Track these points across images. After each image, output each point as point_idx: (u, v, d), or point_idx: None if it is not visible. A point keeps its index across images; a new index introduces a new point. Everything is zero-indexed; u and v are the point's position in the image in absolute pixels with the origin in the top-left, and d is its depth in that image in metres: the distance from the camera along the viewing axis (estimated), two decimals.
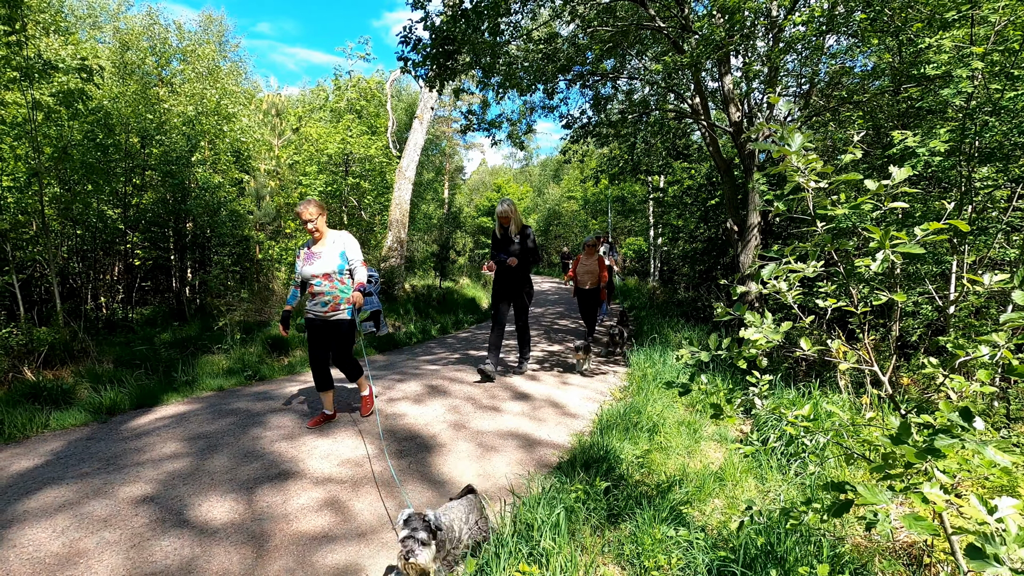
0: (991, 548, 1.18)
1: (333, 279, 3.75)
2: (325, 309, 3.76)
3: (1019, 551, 1.16)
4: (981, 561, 1.18)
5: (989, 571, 1.17)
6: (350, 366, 3.98)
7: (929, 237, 1.46)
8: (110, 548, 2.37)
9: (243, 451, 3.44)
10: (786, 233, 8.15)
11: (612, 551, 2.42)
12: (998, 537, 1.20)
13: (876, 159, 5.57)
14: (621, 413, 4.19)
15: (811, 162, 1.67)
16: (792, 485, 3.05)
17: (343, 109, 14.42)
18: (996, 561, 1.17)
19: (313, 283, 3.76)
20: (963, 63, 3.83)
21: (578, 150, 9.91)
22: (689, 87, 8.71)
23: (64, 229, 9.36)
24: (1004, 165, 4.22)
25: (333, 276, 3.75)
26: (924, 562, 2.26)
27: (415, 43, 6.82)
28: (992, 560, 1.18)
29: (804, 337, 1.79)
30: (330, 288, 3.74)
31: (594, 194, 24.90)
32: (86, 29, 17.15)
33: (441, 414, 4.30)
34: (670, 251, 16.25)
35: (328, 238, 3.84)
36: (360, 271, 3.82)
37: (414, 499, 2.94)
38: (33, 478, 3.04)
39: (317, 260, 3.75)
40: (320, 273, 3.74)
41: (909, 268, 4.85)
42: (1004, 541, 1.19)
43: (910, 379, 4.56)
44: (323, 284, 3.74)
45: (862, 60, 7.90)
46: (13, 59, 6.18)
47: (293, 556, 2.40)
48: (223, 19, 22.49)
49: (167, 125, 11.39)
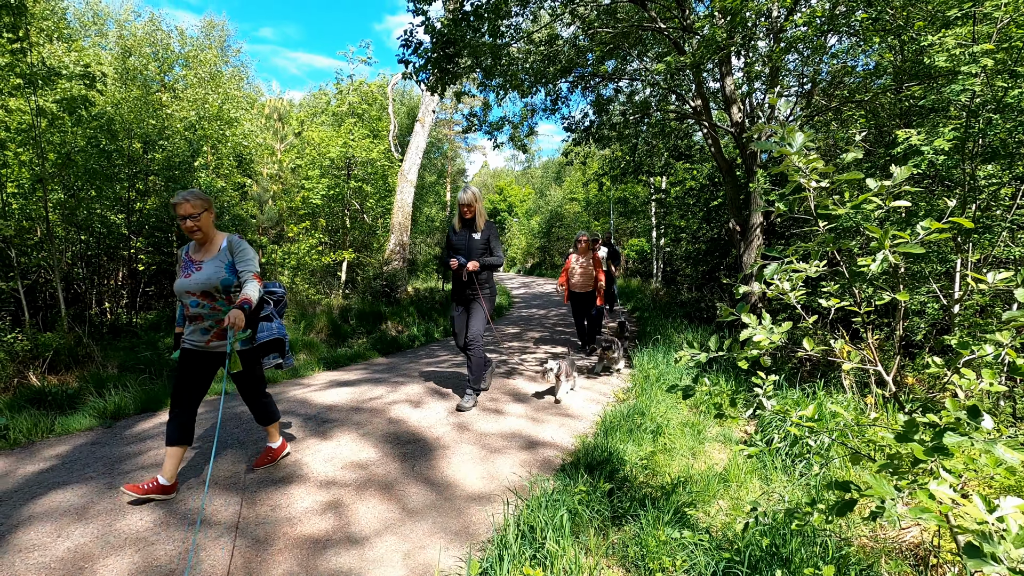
0: (989, 547, 1.17)
1: (216, 298, 2.85)
2: (206, 338, 2.88)
3: (1018, 551, 1.15)
4: (979, 560, 1.18)
5: (987, 569, 1.16)
6: (262, 407, 3.19)
7: (931, 236, 1.46)
8: (115, 552, 2.38)
9: (247, 454, 3.44)
10: (789, 233, 8.13)
11: (616, 553, 2.41)
12: (997, 536, 1.19)
13: (879, 158, 5.56)
14: (624, 415, 4.18)
15: (812, 162, 1.67)
16: (797, 486, 3.03)
17: (345, 113, 14.47)
18: (994, 560, 1.17)
19: (188, 302, 2.86)
20: (971, 59, 3.82)
21: (580, 152, 9.92)
22: (690, 88, 8.71)
23: (68, 235, 9.41)
24: (1008, 163, 4.21)
25: (215, 294, 2.85)
26: (931, 563, 2.25)
27: (416, 46, 6.84)
28: (990, 559, 1.17)
29: (807, 337, 1.78)
30: (211, 311, 2.85)
31: (596, 196, 24.91)
32: (91, 36, 17.26)
33: (444, 416, 4.30)
34: (673, 252, 16.23)
35: (215, 243, 2.94)
36: (251, 285, 2.84)
37: (418, 502, 2.94)
38: (39, 483, 3.05)
39: (195, 272, 2.86)
40: (197, 290, 2.83)
41: (913, 267, 4.83)
42: (1004, 540, 1.19)
43: (915, 378, 4.54)
44: (201, 305, 2.84)
45: (864, 59, 7.88)
46: (17, 66, 6.22)
47: (296, 559, 2.40)
48: (224, 24, 22.63)
49: (169, 130, 11.45)
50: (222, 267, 2.87)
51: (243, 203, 12.90)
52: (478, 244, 4.49)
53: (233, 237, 2.99)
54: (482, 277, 4.53)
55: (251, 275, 2.89)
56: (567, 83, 8.64)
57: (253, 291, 2.81)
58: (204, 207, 2.85)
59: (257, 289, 2.85)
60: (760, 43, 8.05)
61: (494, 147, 9.89)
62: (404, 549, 2.50)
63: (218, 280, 2.84)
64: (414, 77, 7.08)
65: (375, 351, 7.86)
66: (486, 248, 4.51)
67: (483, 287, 4.55)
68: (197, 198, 2.84)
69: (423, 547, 2.52)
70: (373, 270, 13.96)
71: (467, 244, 4.49)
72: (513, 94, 8.25)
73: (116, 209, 10.25)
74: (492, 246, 4.53)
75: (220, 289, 2.85)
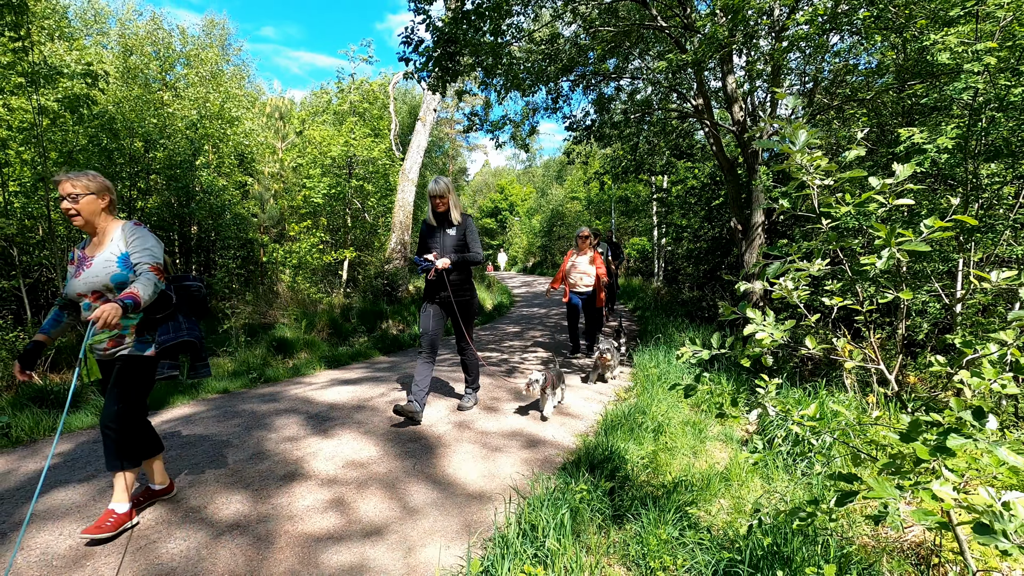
0: (999, 524, 1.18)
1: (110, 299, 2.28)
2: (104, 346, 2.46)
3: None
4: (989, 536, 1.18)
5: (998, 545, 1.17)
6: (131, 433, 2.49)
7: (935, 234, 1.45)
8: (117, 550, 2.38)
9: (248, 452, 3.45)
10: (791, 232, 8.12)
11: (618, 552, 2.41)
12: (1008, 515, 1.20)
13: (881, 157, 5.55)
14: (626, 414, 4.18)
15: (815, 159, 1.67)
16: (799, 485, 3.03)
17: (346, 112, 14.47)
18: (1004, 537, 1.17)
19: (82, 305, 2.45)
20: (975, 57, 3.81)
21: (581, 151, 9.90)
22: (692, 86, 8.70)
23: (70, 233, 9.42)
24: (1011, 161, 4.20)
25: (108, 294, 2.40)
26: (932, 562, 2.25)
27: (417, 44, 6.83)
28: (1000, 536, 1.17)
29: (809, 336, 1.78)
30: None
31: (597, 195, 24.91)
32: (92, 35, 17.28)
33: (445, 415, 4.30)
34: (674, 251, 16.21)
35: (107, 234, 2.48)
36: (142, 279, 2.31)
37: (419, 500, 2.94)
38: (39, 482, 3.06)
39: (85, 270, 2.42)
40: (87, 291, 2.40)
41: (916, 266, 4.82)
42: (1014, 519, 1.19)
43: (917, 377, 4.53)
44: (93, 308, 2.38)
45: (866, 58, 7.86)
46: (19, 65, 6.23)
47: (299, 557, 2.40)
48: (225, 23, 22.59)
49: (171, 129, 11.47)
50: (113, 260, 2.41)
51: (244, 202, 12.91)
52: (453, 240, 3.94)
53: (128, 224, 2.51)
54: (456, 278, 3.98)
55: (147, 267, 2.39)
56: (568, 82, 8.63)
57: (142, 286, 2.27)
58: (90, 189, 2.41)
59: (152, 282, 2.32)
60: (762, 41, 8.04)
61: (496, 146, 9.87)
62: (405, 547, 2.50)
63: (107, 276, 2.37)
64: (415, 76, 7.08)
65: (376, 350, 7.87)
66: (462, 244, 3.96)
67: (457, 289, 3.98)
68: (82, 177, 2.41)
69: (424, 545, 2.52)
70: (374, 269, 13.96)
71: (441, 241, 3.96)
72: (514, 93, 8.23)
73: (118, 208, 10.27)
74: (469, 241, 3.95)
75: (112, 287, 2.38)
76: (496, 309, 13.50)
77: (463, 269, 4.03)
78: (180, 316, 2.60)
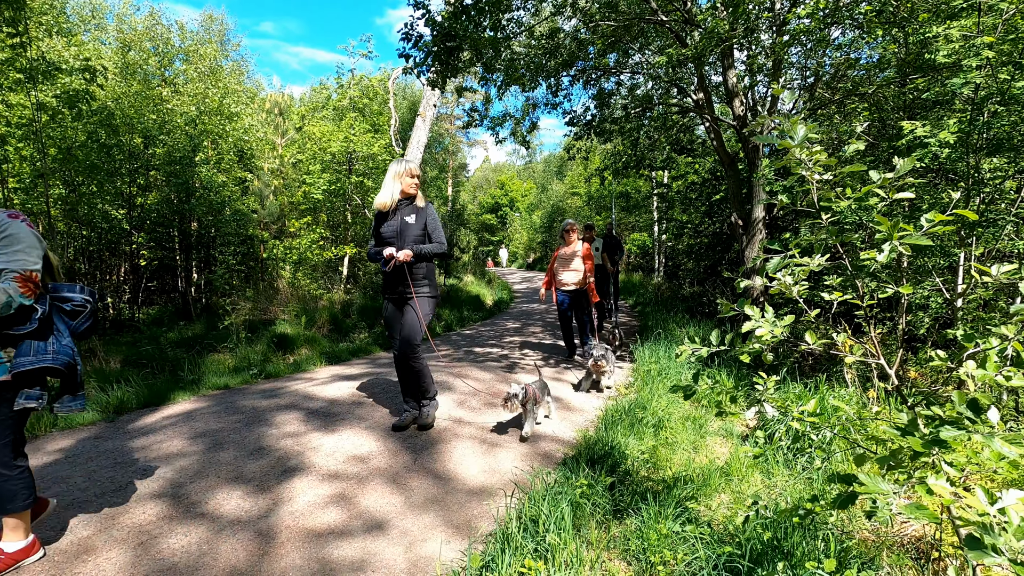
0: (989, 538, 1.17)
1: None
2: None
3: (1019, 542, 1.15)
4: (979, 551, 1.18)
5: (987, 561, 1.16)
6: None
7: (936, 228, 1.45)
8: (118, 545, 2.39)
9: (249, 448, 3.46)
10: (791, 227, 8.10)
11: (618, 546, 2.42)
12: (999, 527, 1.19)
13: (882, 152, 5.53)
14: (626, 409, 4.18)
15: (815, 154, 1.66)
16: (799, 480, 3.04)
17: (346, 107, 14.43)
18: (995, 551, 1.17)
19: None
20: (973, 52, 3.79)
21: (582, 147, 9.88)
22: (692, 81, 8.67)
23: (70, 230, 9.43)
24: (1013, 156, 4.18)
25: None
26: (932, 556, 2.25)
27: (416, 39, 6.80)
28: (990, 550, 1.17)
29: (809, 331, 1.77)
30: None
31: (598, 190, 24.87)
32: (90, 30, 17.22)
33: (446, 410, 4.30)
34: (675, 246, 16.19)
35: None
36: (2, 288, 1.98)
37: (421, 495, 2.95)
38: (42, 476, 3.06)
39: None
40: None
41: (916, 261, 4.81)
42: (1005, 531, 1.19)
43: (917, 372, 4.53)
44: None
45: (867, 52, 7.82)
46: (17, 61, 6.21)
47: (300, 551, 2.41)
48: (224, 18, 22.53)
49: (170, 125, 11.44)
50: None
51: (244, 198, 12.90)
52: (415, 229, 3.61)
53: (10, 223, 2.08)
54: (418, 271, 3.64)
55: (12, 276, 2.01)
56: (568, 77, 8.60)
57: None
58: None
59: (14, 293, 1.98)
60: (763, 35, 8.00)
61: (496, 142, 9.84)
62: (407, 542, 2.51)
63: None
64: (415, 71, 7.05)
65: (377, 346, 7.88)
66: (423, 234, 3.64)
67: (419, 283, 3.64)
68: None
69: (425, 540, 2.53)
70: (375, 265, 13.96)
71: (400, 230, 3.60)
72: (514, 88, 8.21)
73: (117, 204, 10.26)
74: (431, 230, 3.64)
75: None
76: (496, 305, 13.51)
77: (425, 261, 3.69)
78: (53, 336, 2.19)
